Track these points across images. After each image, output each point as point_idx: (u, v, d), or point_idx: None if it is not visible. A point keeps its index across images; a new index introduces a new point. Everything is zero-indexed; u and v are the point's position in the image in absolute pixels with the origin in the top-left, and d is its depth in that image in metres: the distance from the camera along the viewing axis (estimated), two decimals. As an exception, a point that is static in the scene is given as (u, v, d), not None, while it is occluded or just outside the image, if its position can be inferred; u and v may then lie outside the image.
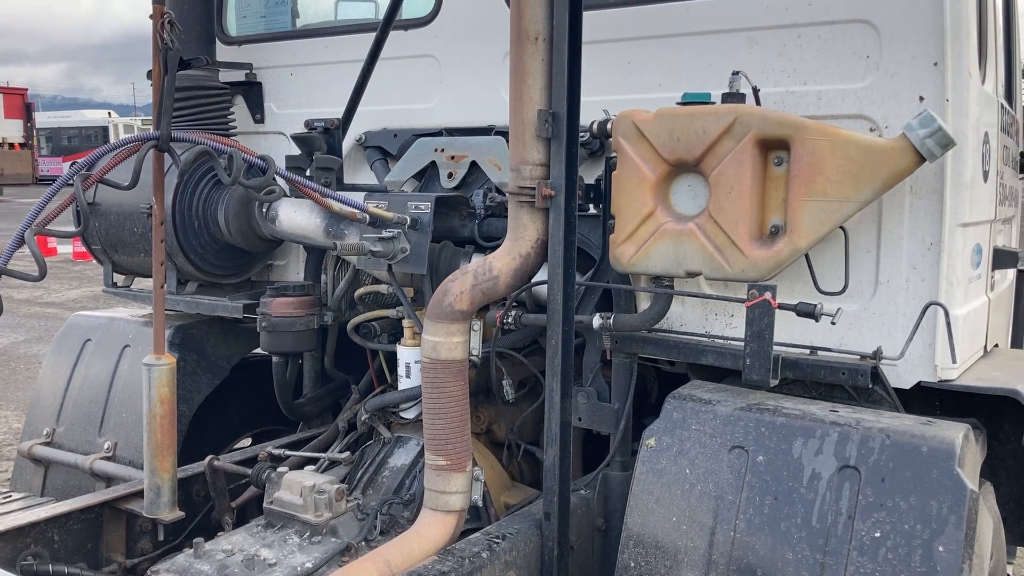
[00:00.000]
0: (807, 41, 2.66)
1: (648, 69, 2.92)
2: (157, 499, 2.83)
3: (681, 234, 2.53)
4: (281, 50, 3.86)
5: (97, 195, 3.51)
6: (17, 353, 9.67)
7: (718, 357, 2.70)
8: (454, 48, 3.38)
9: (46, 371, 3.94)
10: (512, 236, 2.59)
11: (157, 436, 2.79)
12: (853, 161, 2.37)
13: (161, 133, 2.58)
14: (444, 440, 2.59)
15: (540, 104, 2.48)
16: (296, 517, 2.73)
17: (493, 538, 2.54)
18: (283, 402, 3.59)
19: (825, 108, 2.63)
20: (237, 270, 3.73)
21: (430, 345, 2.59)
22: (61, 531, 2.95)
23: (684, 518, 2.38)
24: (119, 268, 3.78)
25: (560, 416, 2.56)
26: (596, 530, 2.91)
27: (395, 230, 2.95)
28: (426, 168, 3.33)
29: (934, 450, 2.18)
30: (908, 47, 2.50)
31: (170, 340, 3.58)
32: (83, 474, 3.53)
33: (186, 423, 3.58)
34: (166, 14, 2.55)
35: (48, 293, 13.41)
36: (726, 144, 2.44)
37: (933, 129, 2.29)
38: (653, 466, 2.48)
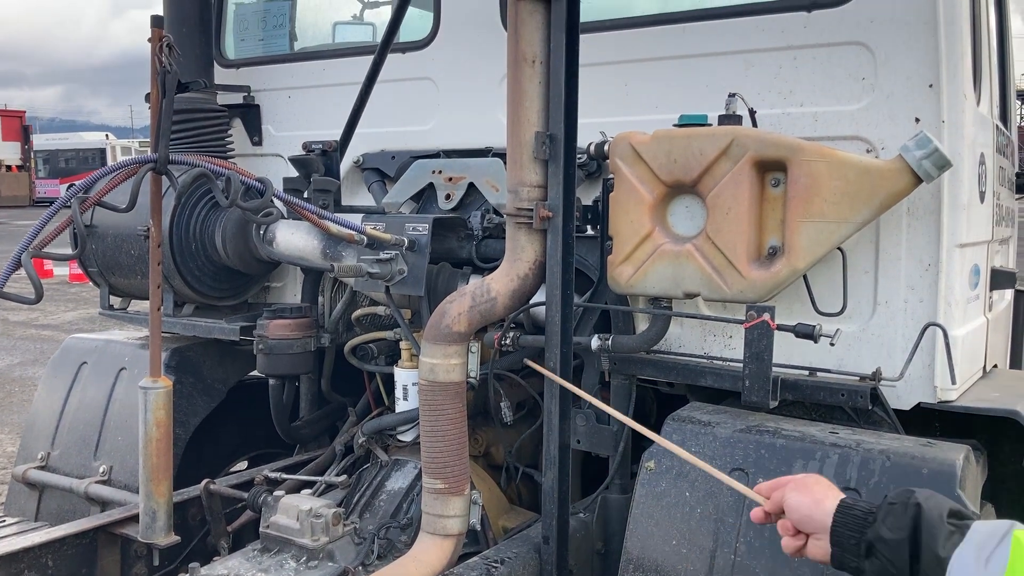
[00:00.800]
0: (803, 63, 2.67)
1: (645, 91, 2.94)
2: (153, 523, 2.80)
3: (679, 255, 2.53)
4: (279, 73, 3.88)
5: (94, 218, 3.51)
6: (12, 376, 9.63)
7: (717, 378, 2.69)
8: (452, 71, 3.39)
9: (41, 394, 3.91)
10: (510, 257, 2.59)
11: (153, 460, 2.77)
12: (850, 182, 2.37)
13: (159, 155, 2.58)
14: (442, 463, 2.58)
15: (537, 126, 2.49)
16: (293, 541, 2.71)
17: (491, 562, 2.52)
18: (279, 425, 3.57)
19: (821, 129, 2.64)
20: (234, 292, 3.72)
21: (428, 367, 2.58)
22: (55, 556, 2.92)
23: (684, 541, 2.37)
24: (116, 291, 3.77)
25: (559, 438, 2.55)
26: (595, 554, 2.89)
27: (393, 252, 2.94)
28: (424, 190, 3.33)
29: (935, 472, 2.17)
30: (903, 69, 2.52)
31: (166, 363, 3.56)
32: (78, 498, 3.50)
33: (182, 446, 3.55)
34: (164, 37, 2.56)
35: (44, 315, 13.38)
36: (723, 166, 2.44)
37: (929, 150, 2.30)
38: (652, 489, 2.47)
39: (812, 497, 1.56)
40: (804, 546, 1.57)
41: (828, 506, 1.53)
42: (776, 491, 1.63)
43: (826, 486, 1.59)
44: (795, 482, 1.61)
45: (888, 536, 1.44)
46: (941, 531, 1.40)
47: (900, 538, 1.42)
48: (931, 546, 1.39)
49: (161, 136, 2.59)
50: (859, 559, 1.47)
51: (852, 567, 1.49)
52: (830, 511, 1.52)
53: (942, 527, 1.41)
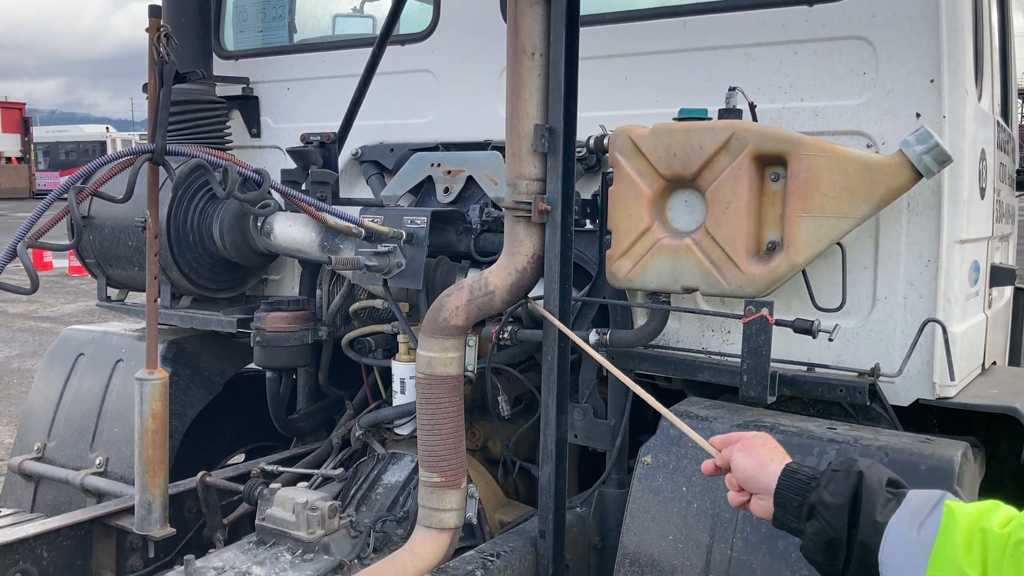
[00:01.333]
0: (804, 58, 2.66)
1: (645, 85, 2.92)
2: (148, 515, 2.80)
3: (678, 250, 2.52)
4: (278, 64, 3.86)
5: (91, 208, 3.50)
6: (11, 368, 9.62)
7: (715, 374, 2.68)
8: (451, 63, 3.38)
9: (38, 385, 3.91)
10: (508, 251, 2.58)
11: (149, 451, 2.76)
12: (850, 177, 2.36)
13: (156, 146, 2.57)
14: (439, 457, 2.57)
15: (537, 119, 2.48)
16: (288, 534, 2.70)
17: (488, 556, 2.52)
18: (276, 418, 3.56)
19: (822, 124, 2.63)
20: (232, 284, 3.71)
21: (425, 361, 2.58)
22: (50, 547, 2.91)
23: (680, 536, 2.36)
24: (113, 282, 3.76)
25: (556, 433, 2.54)
26: (592, 548, 2.88)
27: (391, 245, 2.93)
28: (422, 183, 3.32)
29: (933, 468, 2.16)
30: (905, 64, 2.51)
31: (163, 355, 3.55)
32: (74, 490, 3.49)
33: (178, 438, 3.55)
34: (162, 27, 2.55)
35: (43, 307, 13.37)
36: (723, 160, 2.43)
37: (930, 146, 2.29)
38: (649, 484, 2.46)
39: (758, 459, 1.63)
40: (748, 502, 1.65)
41: (773, 469, 1.60)
42: (727, 447, 1.70)
43: (772, 448, 1.66)
44: (743, 442, 1.68)
45: (829, 500, 1.50)
46: (879, 498, 1.46)
47: (840, 502, 1.48)
48: (870, 511, 1.45)
49: (159, 126, 2.59)
50: (800, 520, 1.54)
51: (792, 528, 1.56)
52: (774, 474, 1.59)
53: (880, 494, 1.47)
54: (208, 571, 2.57)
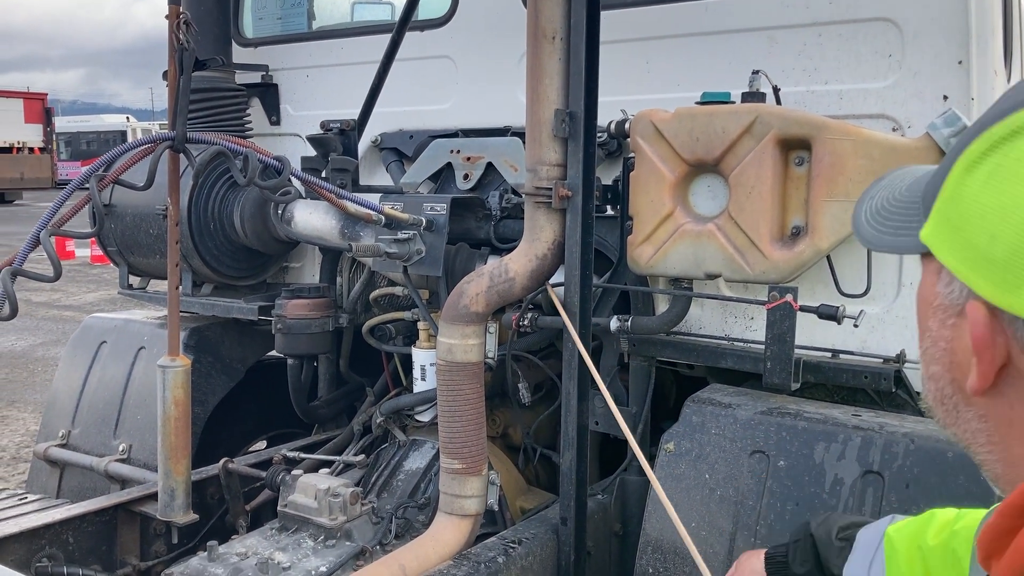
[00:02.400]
0: (828, 40, 2.62)
1: (666, 68, 2.89)
2: (171, 502, 2.82)
3: (700, 235, 2.50)
4: (297, 52, 3.86)
5: (113, 197, 3.51)
6: (35, 356, 9.72)
7: (738, 360, 2.66)
8: (470, 49, 3.36)
9: (61, 373, 3.94)
10: (528, 237, 2.56)
11: (171, 438, 2.77)
12: (875, 161, 2.33)
13: (176, 134, 2.57)
14: (460, 443, 2.57)
15: (557, 104, 2.45)
16: (310, 520, 2.71)
17: (509, 543, 2.51)
18: (298, 405, 3.58)
19: (847, 108, 2.59)
20: (252, 272, 3.72)
21: (445, 347, 2.57)
22: (76, 533, 2.94)
23: (703, 524, 2.35)
24: (135, 270, 3.78)
25: (577, 420, 2.53)
26: (613, 535, 2.87)
27: (410, 232, 2.93)
28: (442, 169, 3.31)
29: (960, 455, 2.13)
30: (932, 45, 2.46)
31: (185, 342, 3.56)
32: (98, 476, 3.52)
33: (201, 425, 3.56)
34: (182, 14, 2.54)
35: (66, 296, 13.50)
36: (746, 144, 2.40)
37: (958, 128, 2.25)
38: (672, 471, 2.45)
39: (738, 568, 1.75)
40: None
41: (757, 565, 1.70)
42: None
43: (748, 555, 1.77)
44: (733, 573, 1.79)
45: (801, 571, 1.60)
46: (832, 550, 1.54)
47: (808, 568, 1.58)
48: (830, 567, 1.53)
49: (179, 114, 2.58)
50: None
51: None
52: (760, 569, 1.69)
53: (832, 546, 1.54)
54: (231, 557, 2.59)
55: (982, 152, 0.80)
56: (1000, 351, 0.80)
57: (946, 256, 0.83)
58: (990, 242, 0.77)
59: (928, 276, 0.89)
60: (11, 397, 8.13)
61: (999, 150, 0.78)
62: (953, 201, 0.82)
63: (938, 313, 0.86)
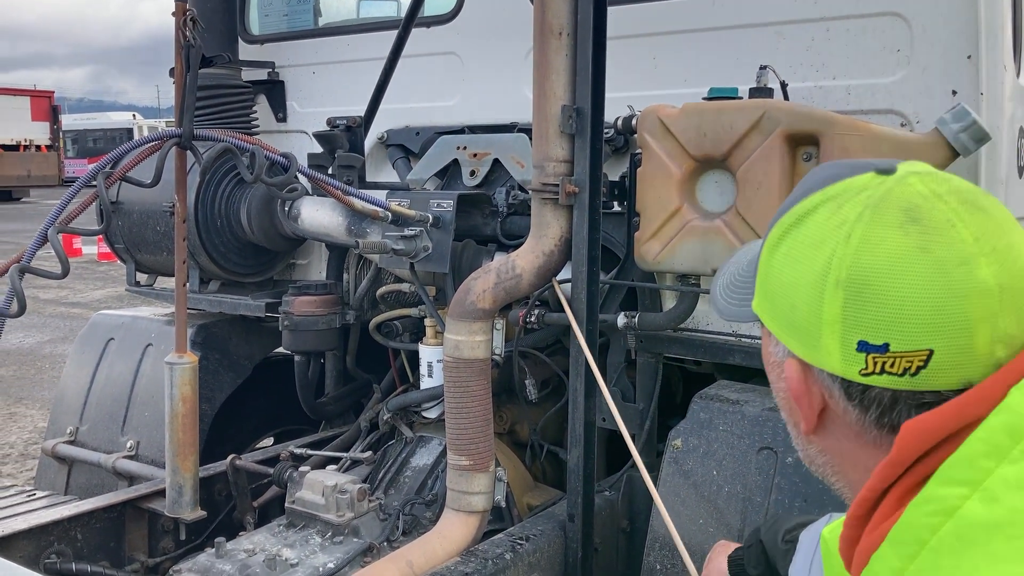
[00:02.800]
0: (836, 35, 2.61)
1: (673, 64, 2.88)
2: (179, 498, 2.83)
3: (708, 231, 2.49)
4: (303, 49, 3.86)
5: (120, 194, 3.52)
6: (43, 353, 9.76)
7: (746, 357, 2.65)
8: (476, 45, 3.35)
9: (69, 370, 3.95)
10: (535, 234, 2.56)
11: (179, 435, 2.78)
12: (884, 156, 2.31)
13: (184, 130, 2.58)
14: (467, 440, 2.57)
15: (564, 100, 2.45)
16: (318, 517, 2.71)
17: (516, 539, 2.51)
18: (305, 401, 3.58)
19: (855, 103, 2.58)
20: (259, 269, 3.72)
21: (452, 344, 2.57)
22: (84, 529, 2.95)
23: (711, 520, 2.34)
24: (142, 267, 3.78)
25: (584, 416, 2.53)
26: (621, 531, 2.87)
27: (417, 228, 2.92)
28: (448, 166, 3.30)
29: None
30: (940, 40, 2.45)
31: (192, 339, 3.57)
32: (106, 473, 3.53)
33: (208, 422, 3.57)
34: (188, 11, 2.55)
35: (73, 293, 13.54)
36: (754, 139, 2.39)
37: (967, 123, 2.24)
38: (679, 467, 2.45)
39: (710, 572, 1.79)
40: None
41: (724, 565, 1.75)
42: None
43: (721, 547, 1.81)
44: None
45: (754, 574, 1.65)
46: (779, 553, 1.59)
47: (761, 572, 1.64)
48: (780, 570, 1.57)
49: (186, 111, 2.59)
50: None
51: None
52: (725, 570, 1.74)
53: (778, 549, 1.60)
54: (239, 553, 2.59)
55: (779, 237, 0.98)
56: (816, 398, 0.97)
57: (768, 322, 1.01)
58: (791, 310, 0.95)
59: (764, 338, 1.06)
60: (19, 394, 8.16)
61: (789, 235, 0.97)
62: (766, 277, 1.00)
63: (774, 369, 1.03)
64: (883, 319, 0.87)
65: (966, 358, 0.87)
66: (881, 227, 0.89)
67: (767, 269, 1.00)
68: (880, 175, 0.94)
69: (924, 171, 0.94)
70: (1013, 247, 0.90)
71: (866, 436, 0.95)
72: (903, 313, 0.87)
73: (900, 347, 0.87)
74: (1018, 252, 0.90)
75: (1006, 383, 0.86)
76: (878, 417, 0.93)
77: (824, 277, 0.91)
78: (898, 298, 0.87)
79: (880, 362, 0.88)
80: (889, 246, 0.88)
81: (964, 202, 0.90)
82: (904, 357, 0.87)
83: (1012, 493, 0.81)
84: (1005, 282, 0.87)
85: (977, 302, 0.86)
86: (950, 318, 0.86)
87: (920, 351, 0.87)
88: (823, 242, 0.92)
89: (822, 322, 0.91)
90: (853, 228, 0.90)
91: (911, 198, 0.90)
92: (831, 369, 0.93)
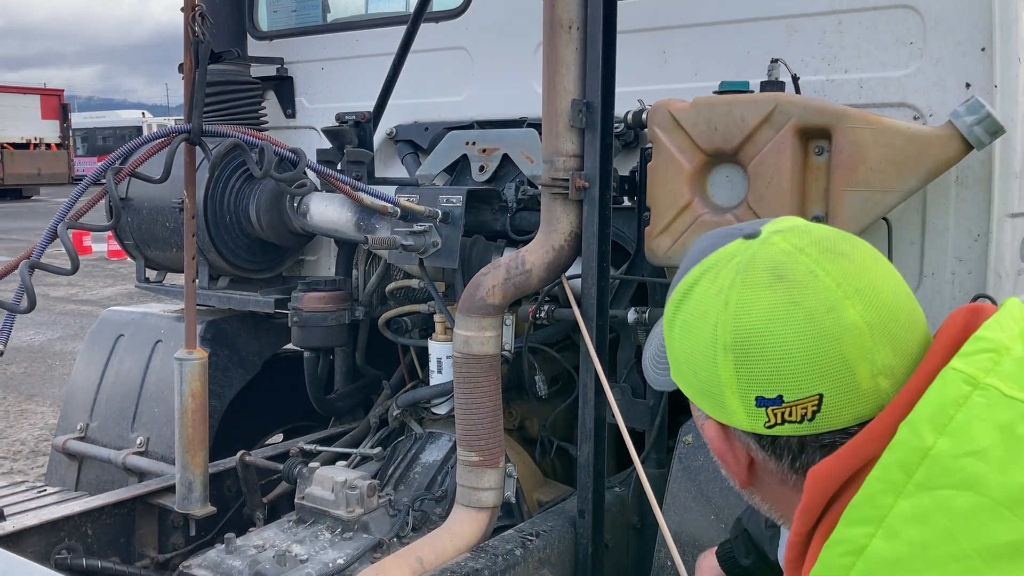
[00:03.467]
0: (848, 28, 2.59)
1: (684, 58, 2.87)
2: (189, 494, 2.83)
3: (719, 226, 2.47)
4: (312, 44, 3.85)
5: (129, 190, 3.52)
6: (53, 350, 9.79)
7: (756, 352, 2.63)
8: (485, 40, 3.34)
9: (79, 366, 3.95)
10: (545, 229, 2.55)
11: (189, 431, 2.78)
12: (896, 150, 2.30)
13: (192, 126, 2.57)
14: (476, 436, 2.56)
15: (574, 94, 2.44)
16: (328, 513, 2.71)
17: (527, 535, 2.51)
18: (314, 397, 3.58)
19: (867, 96, 2.56)
20: (268, 265, 3.72)
21: (462, 340, 2.56)
22: (94, 525, 2.95)
23: (723, 516, 2.33)
24: (151, 263, 3.79)
25: (594, 412, 2.52)
26: (631, 528, 2.86)
27: (426, 224, 2.92)
28: (457, 161, 3.29)
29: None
30: (954, 32, 2.43)
31: (202, 335, 3.57)
32: (116, 469, 3.53)
33: (217, 418, 3.57)
34: (197, 7, 2.54)
35: (83, 291, 13.59)
36: (765, 133, 2.38)
37: (981, 116, 2.22)
38: (690, 463, 2.43)
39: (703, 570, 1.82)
40: None
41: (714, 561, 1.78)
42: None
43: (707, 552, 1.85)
44: None
45: (746, 563, 1.68)
46: (764, 539, 1.62)
47: (752, 561, 1.66)
48: (769, 555, 1.60)
49: (195, 107, 2.58)
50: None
51: None
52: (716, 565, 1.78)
53: (763, 535, 1.62)
54: (248, 549, 2.59)
55: (672, 312, 1.05)
56: (742, 453, 1.02)
57: (683, 389, 1.06)
58: (695, 378, 1.00)
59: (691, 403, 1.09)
60: (30, 391, 8.19)
61: (680, 309, 1.03)
62: (670, 350, 1.06)
63: (704, 431, 1.07)
64: (770, 374, 0.92)
65: (854, 396, 0.92)
66: (752, 289, 0.95)
67: (669, 342, 1.06)
68: (747, 240, 0.99)
69: (787, 227, 1.00)
70: (875, 285, 0.94)
71: (789, 482, 1.00)
72: (786, 365, 0.92)
73: (792, 396, 0.92)
74: (880, 288, 0.94)
75: (894, 419, 0.89)
76: (791, 462, 0.97)
77: (713, 344, 0.96)
78: (779, 352, 0.92)
79: (779, 413, 0.93)
80: (762, 305, 0.93)
81: (824, 251, 0.95)
82: (799, 405, 0.92)
83: (910, 527, 0.83)
84: (873, 319, 0.92)
85: (850, 342, 0.91)
86: (829, 362, 0.91)
87: (811, 397, 0.92)
88: (707, 312, 0.98)
89: (721, 384, 0.96)
90: (729, 295, 0.96)
91: (775, 256, 0.96)
92: (740, 426, 0.98)
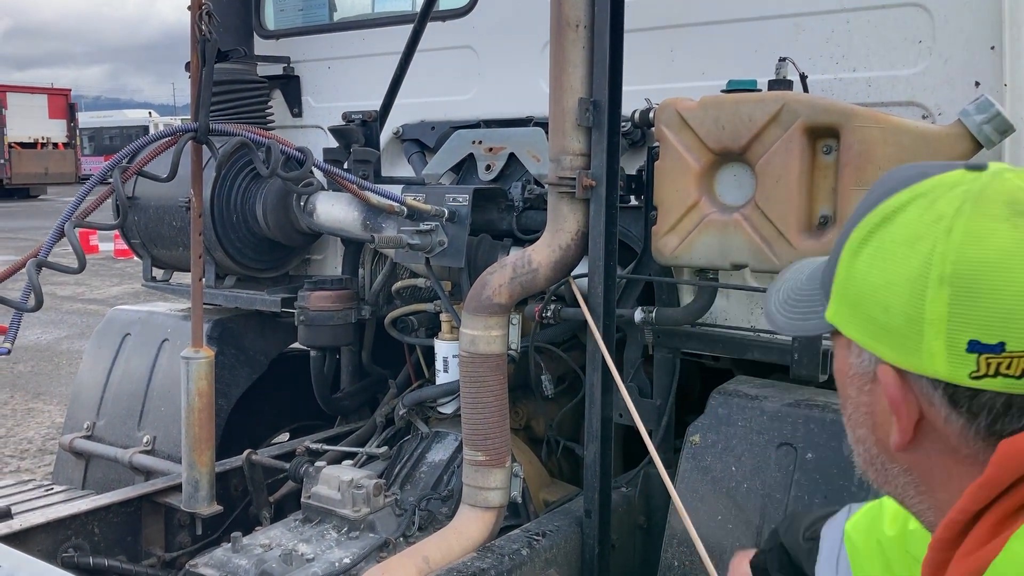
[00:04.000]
0: (856, 26, 2.58)
1: (691, 56, 2.86)
2: (195, 493, 2.83)
3: (726, 225, 2.46)
4: (319, 43, 3.85)
5: (136, 189, 3.53)
6: (60, 349, 9.81)
7: (764, 352, 2.63)
8: (492, 39, 3.33)
9: (86, 365, 3.96)
10: (551, 228, 2.54)
11: (195, 430, 2.78)
12: (905, 149, 2.29)
13: (200, 125, 2.57)
14: (483, 435, 2.56)
15: (581, 93, 2.43)
16: (334, 512, 2.71)
17: (533, 535, 2.50)
18: (320, 396, 3.58)
19: (875, 95, 2.55)
20: (275, 264, 3.72)
21: (468, 339, 2.56)
22: (101, 524, 2.96)
23: (730, 517, 2.32)
24: (158, 262, 3.79)
25: (601, 412, 2.51)
26: (638, 528, 2.85)
27: (433, 223, 2.91)
28: (464, 160, 3.29)
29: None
30: (963, 31, 2.41)
31: (208, 334, 3.57)
32: (123, 467, 3.54)
33: (224, 417, 3.57)
34: (204, 5, 2.54)
35: (90, 290, 13.62)
36: (773, 132, 2.37)
37: (991, 114, 2.20)
38: (698, 463, 2.42)
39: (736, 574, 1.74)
40: None
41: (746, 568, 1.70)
42: None
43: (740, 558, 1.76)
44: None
45: None
46: (801, 552, 1.53)
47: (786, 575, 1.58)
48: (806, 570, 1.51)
49: (201, 106, 2.58)
50: None
51: None
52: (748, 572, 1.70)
53: (801, 549, 1.53)
54: (255, 548, 2.59)
55: (862, 238, 0.92)
56: (913, 407, 0.90)
57: (851, 331, 0.94)
58: (885, 313, 0.88)
59: (840, 351, 0.99)
60: (37, 390, 8.21)
61: (876, 235, 0.91)
62: (847, 282, 0.94)
63: (855, 381, 0.97)
64: (996, 316, 0.81)
65: None
66: (986, 220, 0.84)
67: (848, 273, 0.93)
68: (972, 171, 0.89)
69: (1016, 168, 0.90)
70: None
71: (964, 450, 0.88)
72: (1020, 309, 0.80)
73: (1018, 346, 0.80)
74: None
75: None
76: (988, 425, 0.85)
77: (924, 274, 0.84)
78: (1011, 293, 0.80)
79: (995, 363, 0.82)
80: (998, 240, 0.82)
81: None
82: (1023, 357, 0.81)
83: None
84: None
85: None
86: None
87: None
88: (919, 239, 0.86)
89: (924, 322, 0.84)
90: (953, 222, 0.84)
91: (1012, 192, 0.85)
92: (933, 374, 0.85)
